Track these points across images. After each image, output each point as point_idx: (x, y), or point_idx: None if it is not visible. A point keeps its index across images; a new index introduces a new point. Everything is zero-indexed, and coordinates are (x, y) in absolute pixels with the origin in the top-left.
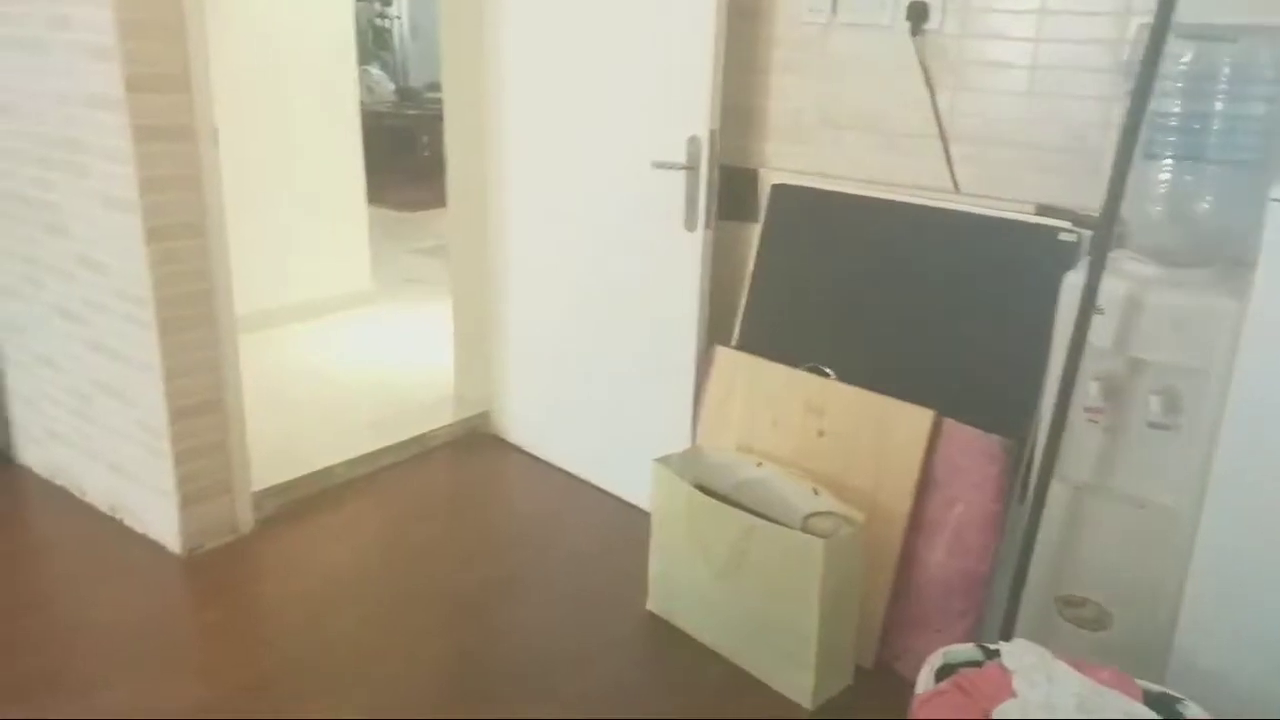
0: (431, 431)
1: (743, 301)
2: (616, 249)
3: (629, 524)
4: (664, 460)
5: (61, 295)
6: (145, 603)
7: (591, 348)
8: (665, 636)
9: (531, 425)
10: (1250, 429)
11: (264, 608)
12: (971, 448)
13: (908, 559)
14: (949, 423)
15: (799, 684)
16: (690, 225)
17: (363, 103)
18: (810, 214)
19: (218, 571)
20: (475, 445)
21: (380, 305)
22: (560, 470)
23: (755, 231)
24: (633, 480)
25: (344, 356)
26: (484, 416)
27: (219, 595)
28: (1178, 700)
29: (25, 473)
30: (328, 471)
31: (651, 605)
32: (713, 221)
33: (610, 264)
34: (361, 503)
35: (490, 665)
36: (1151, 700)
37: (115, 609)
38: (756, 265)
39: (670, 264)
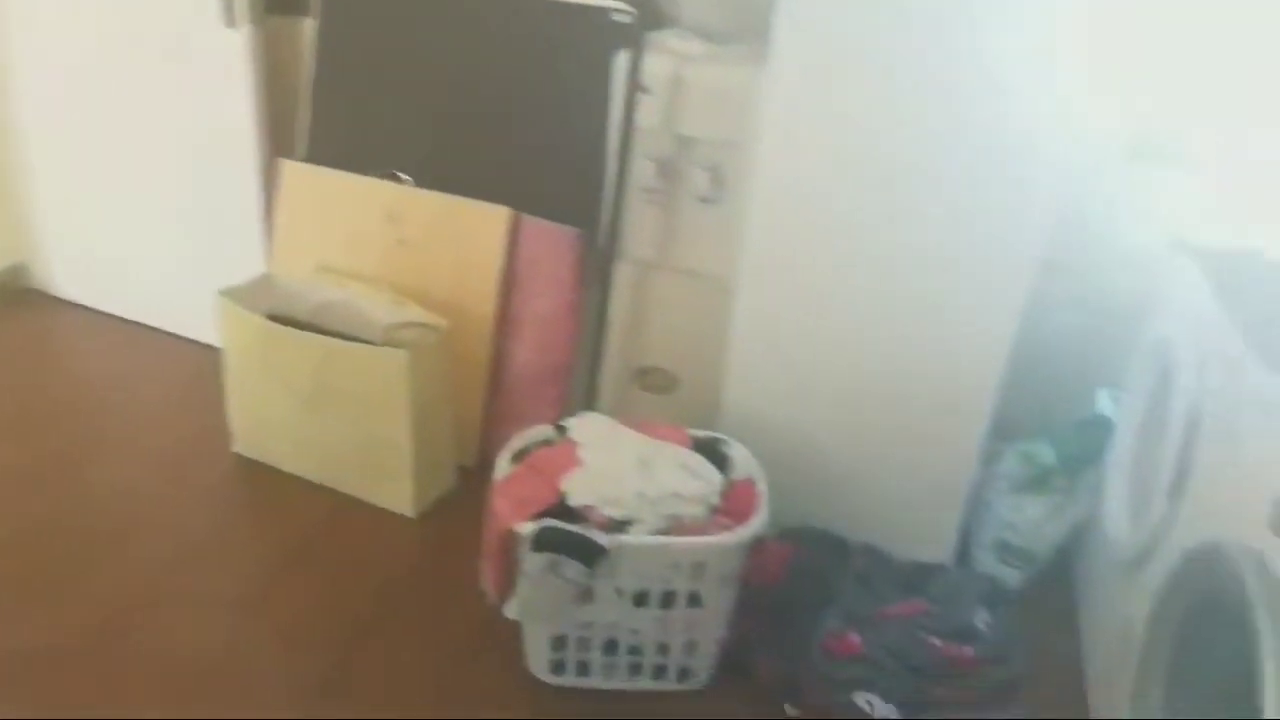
0: None
1: (306, 107)
2: (147, 54)
3: (208, 367)
4: (229, 292)
5: None
6: None
7: (135, 175)
8: (258, 476)
9: (79, 273)
10: (773, 196)
11: None
12: (547, 241)
13: (498, 359)
14: (525, 218)
15: (401, 495)
16: (229, 20)
17: None
18: (369, 4)
19: None
20: (12, 303)
21: None
22: (121, 320)
23: (311, 27)
24: (206, 319)
25: None
26: (18, 269)
27: None
28: (722, 441)
29: None
30: None
31: (239, 447)
32: (258, 15)
33: (142, 73)
34: None
35: (72, 533)
36: (701, 445)
37: None
38: (316, 65)
39: (213, 68)
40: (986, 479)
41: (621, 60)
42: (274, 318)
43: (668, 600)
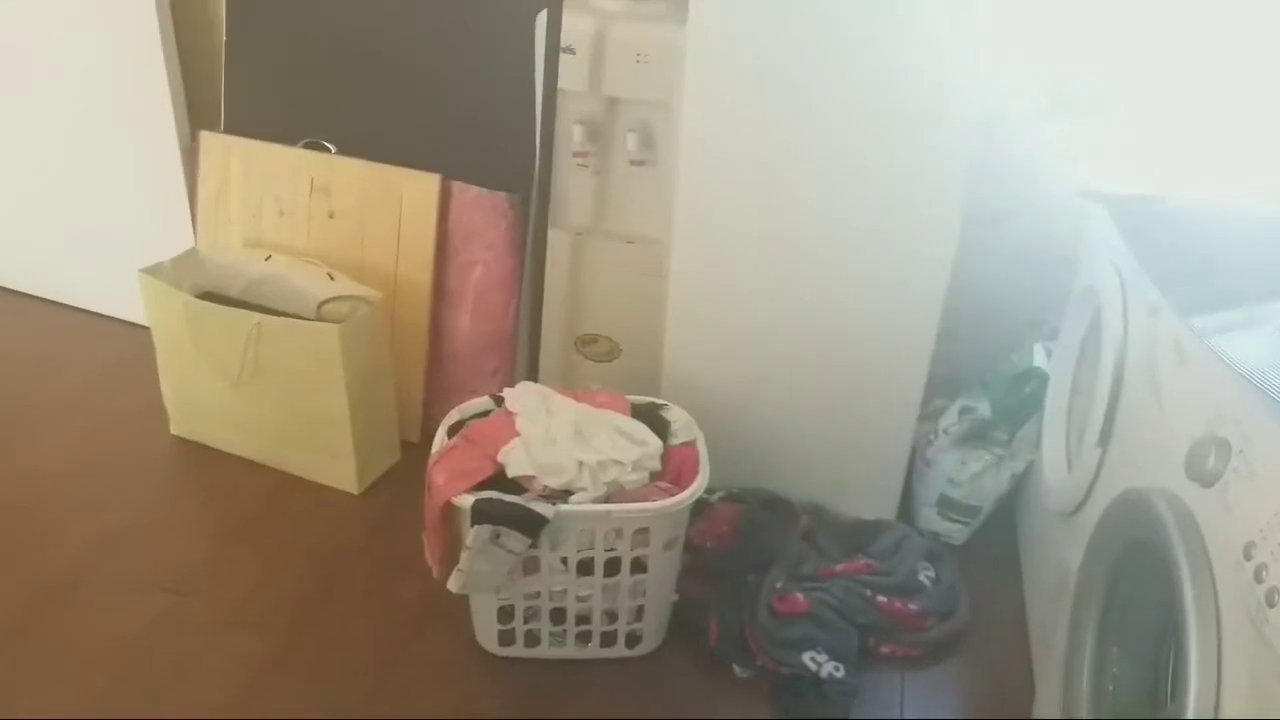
0: None
1: (222, 74)
2: (61, 30)
3: (139, 347)
4: (152, 270)
5: None
6: None
7: (57, 152)
8: (197, 457)
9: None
10: (699, 156)
11: None
12: (481, 207)
13: (437, 330)
14: (456, 185)
15: (343, 472)
16: None
17: None
18: None
19: None
20: None
21: None
22: (43, 300)
23: None
24: (135, 298)
25: None
26: None
27: None
28: (662, 406)
29: None
30: None
31: (176, 429)
32: None
33: (57, 50)
34: None
35: (3, 518)
36: (640, 411)
37: None
38: (229, 32)
39: (122, 36)
40: (927, 435)
41: (543, 19)
42: (206, 295)
43: (612, 567)
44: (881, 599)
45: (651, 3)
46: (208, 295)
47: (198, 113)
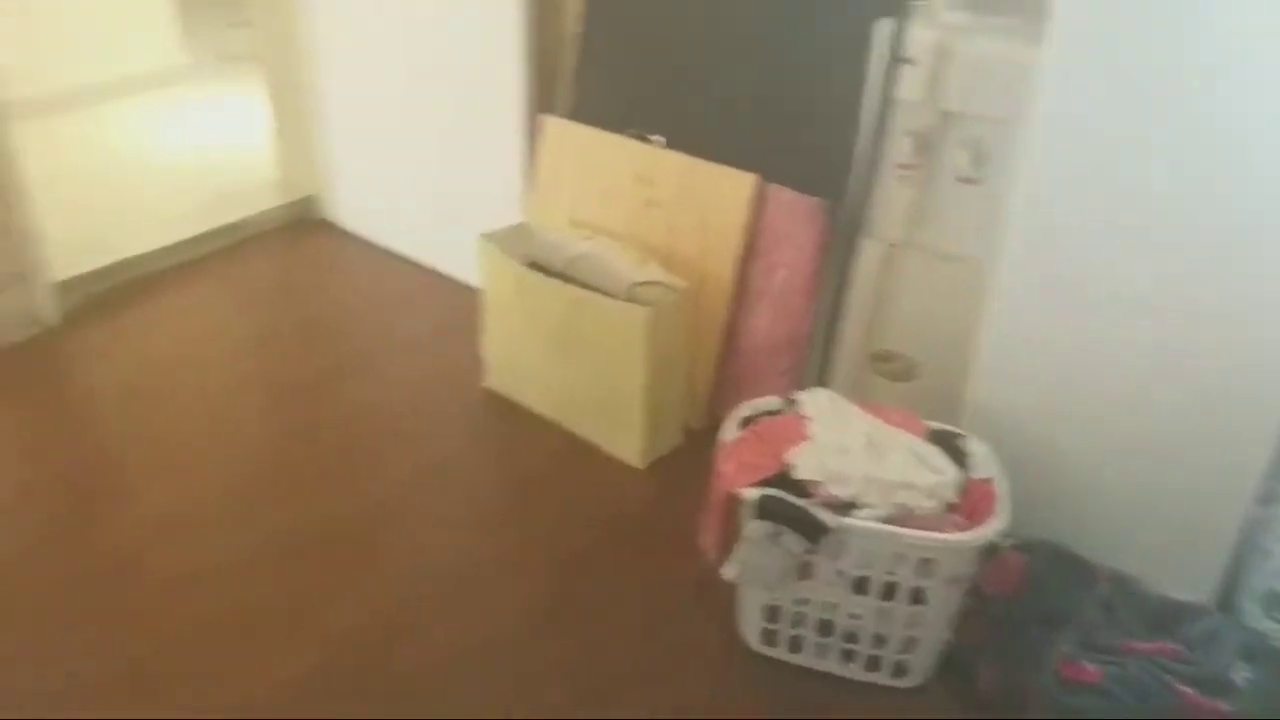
0: (253, 217)
1: (570, 66)
2: (429, 8)
3: (468, 304)
4: (490, 237)
5: None
6: None
7: (417, 122)
8: (503, 410)
9: (361, 208)
10: (1044, 182)
11: (74, 398)
12: (792, 211)
13: (734, 324)
14: (772, 187)
15: (630, 445)
16: None
17: None
18: None
19: (19, 365)
20: (302, 231)
21: (195, 84)
22: (394, 254)
23: None
24: (468, 260)
25: (156, 139)
26: (311, 201)
27: (22, 388)
28: (959, 436)
29: None
30: (141, 259)
31: (490, 382)
32: None
33: (426, 26)
34: (182, 292)
35: (325, 445)
36: (935, 436)
37: None
38: (584, 25)
39: (487, 24)
40: (1264, 521)
41: (883, 29)
42: (532, 266)
43: (889, 591)
44: (1186, 689)
45: (1002, 18)
46: (533, 266)
47: (545, 97)
